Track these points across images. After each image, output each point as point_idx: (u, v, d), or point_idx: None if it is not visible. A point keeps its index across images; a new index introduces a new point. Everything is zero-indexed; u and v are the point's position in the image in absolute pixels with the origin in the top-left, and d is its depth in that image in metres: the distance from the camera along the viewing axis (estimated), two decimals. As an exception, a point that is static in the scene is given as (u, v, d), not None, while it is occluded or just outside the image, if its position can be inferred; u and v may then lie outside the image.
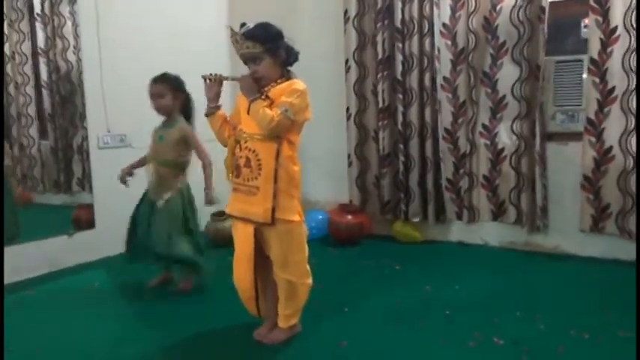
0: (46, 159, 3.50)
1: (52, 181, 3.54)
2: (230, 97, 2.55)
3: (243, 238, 2.08)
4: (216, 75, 2.11)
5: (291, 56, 2.04)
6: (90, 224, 3.45)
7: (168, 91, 2.71)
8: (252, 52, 1.96)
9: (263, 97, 1.97)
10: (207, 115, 2.19)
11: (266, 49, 1.96)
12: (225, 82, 2.14)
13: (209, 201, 2.62)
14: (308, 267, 2.14)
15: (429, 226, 3.72)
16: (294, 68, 2.10)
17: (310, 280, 2.15)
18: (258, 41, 1.94)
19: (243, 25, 1.98)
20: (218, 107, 2.17)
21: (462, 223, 3.65)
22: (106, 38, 3.41)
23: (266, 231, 2.03)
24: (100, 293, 2.88)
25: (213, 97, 2.14)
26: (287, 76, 2.06)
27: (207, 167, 2.68)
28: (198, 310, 2.57)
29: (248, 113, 1.99)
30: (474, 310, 2.46)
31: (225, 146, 2.15)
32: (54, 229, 3.31)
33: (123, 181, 2.83)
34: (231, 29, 1.99)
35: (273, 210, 1.97)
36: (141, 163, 2.86)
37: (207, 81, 2.12)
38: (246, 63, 2.03)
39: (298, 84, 1.99)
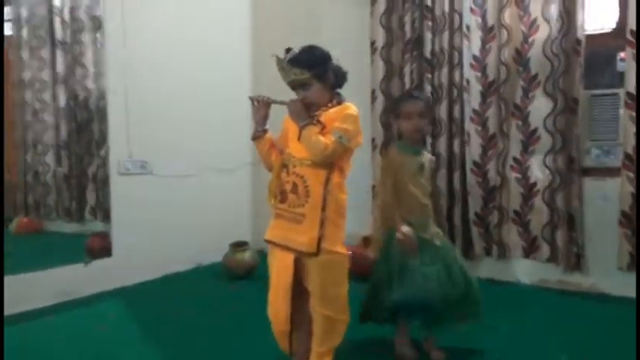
0: (59, 187, 3.42)
1: (64, 210, 3.45)
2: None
3: (281, 267, 1.95)
4: (264, 97, 2.03)
5: (340, 78, 1.98)
6: (105, 253, 3.33)
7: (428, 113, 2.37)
8: (301, 79, 1.90)
9: (314, 122, 1.89)
10: (254, 138, 2.09)
11: (314, 74, 1.89)
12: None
13: None
14: (347, 303, 2.00)
15: (457, 262, 3.59)
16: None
17: (348, 317, 2.01)
18: (305, 67, 1.88)
19: (288, 50, 1.92)
20: (265, 130, 2.07)
21: (492, 260, 3.52)
22: (130, 61, 3.37)
23: (307, 261, 1.91)
24: (115, 323, 2.75)
25: (261, 119, 2.05)
26: (337, 99, 1.98)
27: None
28: (219, 345, 2.44)
29: (299, 139, 1.90)
30: (505, 352, 2.33)
31: (271, 171, 2.05)
32: (67, 257, 3.19)
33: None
34: (277, 57, 1.92)
35: (319, 239, 1.86)
36: None
37: (255, 103, 2.03)
38: (294, 89, 1.96)
39: (351, 108, 1.92)
